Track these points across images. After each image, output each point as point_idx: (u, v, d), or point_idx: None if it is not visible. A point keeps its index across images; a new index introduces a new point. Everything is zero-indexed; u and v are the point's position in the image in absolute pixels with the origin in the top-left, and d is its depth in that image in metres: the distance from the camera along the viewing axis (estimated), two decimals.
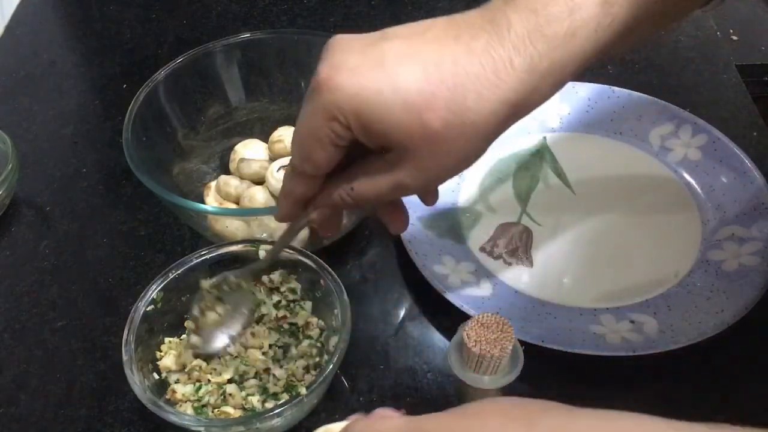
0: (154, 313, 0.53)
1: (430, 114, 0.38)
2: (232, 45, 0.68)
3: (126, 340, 0.50)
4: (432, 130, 0.38)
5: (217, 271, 0.54)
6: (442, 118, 0.38)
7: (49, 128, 0.78)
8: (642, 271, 0.60)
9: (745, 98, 0.76)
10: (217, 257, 0.55)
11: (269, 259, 0.52)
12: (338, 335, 0.50)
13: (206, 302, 0.52)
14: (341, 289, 0.52)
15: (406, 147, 0.39)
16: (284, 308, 0.56)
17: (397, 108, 0.38)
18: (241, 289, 0.52)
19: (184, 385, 0.51)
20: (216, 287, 0.52)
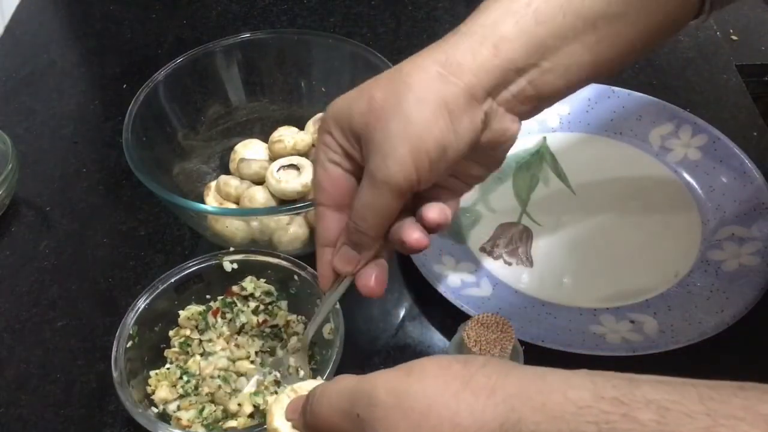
0: (134, 349, 0.51)
1: (373, 88, 0.43)
2: (232, 45, 0.68)
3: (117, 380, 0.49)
4: (374, 99, 0.42)
5: (184, 292, 0.54)
6: (382, 86, 0.42)
7: (49, 128, 0.78)
8: (642, 271, 0.60)
9: (745, 98, 0.76)
10: (182, 279, 0.54)
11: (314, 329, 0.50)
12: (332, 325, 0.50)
13: None
14: None
15: (363, 127, 0.42)
16: (263, 312, 0.56)
17: (353, 95, 0.43)
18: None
19: (186, 411, 0.51)
20: None
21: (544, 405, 0.30)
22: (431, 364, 0.34)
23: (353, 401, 0.35)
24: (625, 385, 0.30)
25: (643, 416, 0.28)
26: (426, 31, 0.87)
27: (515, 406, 0.30)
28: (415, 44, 0.49)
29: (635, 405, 0.28)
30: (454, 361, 0.34)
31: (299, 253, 0.59)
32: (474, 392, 0.32)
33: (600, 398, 0.29)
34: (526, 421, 0.30)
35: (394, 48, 0.84)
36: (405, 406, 0.33)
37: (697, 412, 0.27)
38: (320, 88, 0.71)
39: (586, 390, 0.30)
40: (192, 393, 0.52)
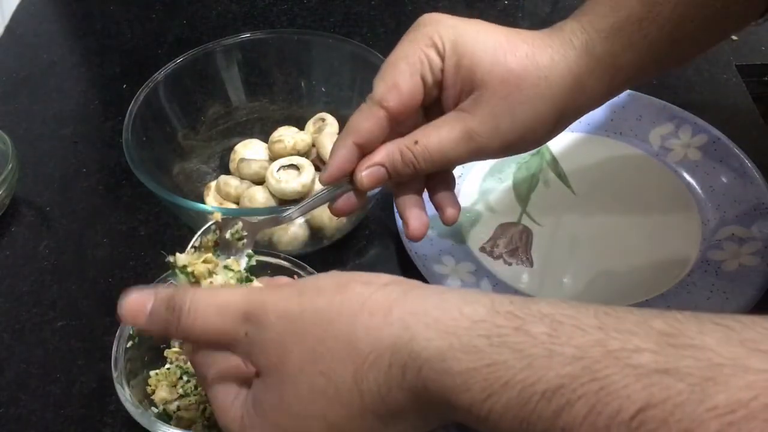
0: (133, 349, 0.51)
1: (512, 56, 0.43)
2: (232, 45, 0.68)
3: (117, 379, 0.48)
4: (512, 71, 0.43)
5: None
6: (522, 63, 0.43)
7: (49, 128, 0.78)
8: (642, 271, 0.60)
9: (745, 98, 0.76)
10: None
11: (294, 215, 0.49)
12: None
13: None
14: None
15: (487, 85, 0.43)
16: None
17: (488, 45, 0.43)
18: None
19: (187, 410, 0.51)
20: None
21: (437, 321, 0.30)
22: (327, 283, 0.34)
23: (240, 320, 0.34)
24: (522, 300, 0.30)
25: (536, 329, 0.28)
26: None
27: (410, 323, 0.30)
28: None
29: (529, 319, 0.28)
30: (353, 280, 0.33)
31: (299, 253, 0.59)
32: (371, 312, 0.31)
33: (495, 313, 0.29)
34: (418, 338, 0.30)
35: (394, 48, 0.84)
36: (298, 330, 0.32)
37: (590, 326, 0.27)
38: (320, 88, 0.71)
39: (482, 305, 0.30)
40: (192, 393, 0.52)
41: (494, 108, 0.43)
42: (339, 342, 0.31)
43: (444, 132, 0.44)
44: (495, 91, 0.43)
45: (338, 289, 0.33)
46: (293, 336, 0.32)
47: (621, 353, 0.26)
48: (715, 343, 0.25)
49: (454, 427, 0.34)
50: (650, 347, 0.26)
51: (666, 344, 0.25)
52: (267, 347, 0.33)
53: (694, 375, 0.24)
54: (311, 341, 0.32)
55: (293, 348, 0.32)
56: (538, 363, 0.27)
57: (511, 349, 0.28)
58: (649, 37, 0.44)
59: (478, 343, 0.28)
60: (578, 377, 0.26)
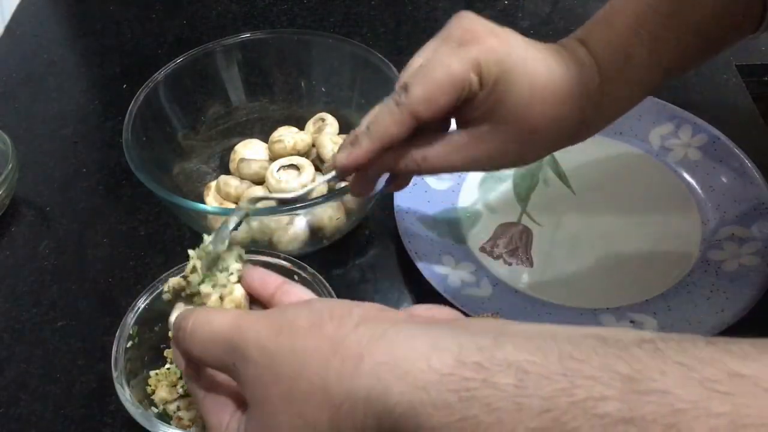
0: (133, 349, 0.51)
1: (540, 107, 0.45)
2: (232, 45, 0.68)
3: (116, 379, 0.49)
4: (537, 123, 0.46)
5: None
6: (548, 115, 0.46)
7: (49, 128, 0.78)
8: (642, 271, 0.60)
9: (745, 98, 0.76)
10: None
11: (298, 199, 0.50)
12: None
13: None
14: (321, 279, 0.52)
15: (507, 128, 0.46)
16: None
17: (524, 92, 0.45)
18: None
19: (187, 410, 0.51)
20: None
21: (407, 373, 0.30)
22: (302, 320, 0.34)
23: (228, 351, 0.35)
24: (490, 345, 0.29)
25: (503, 380, 0.28)
26: (426, 31, 0.87)
27: (381, 374, 0.30)
28: (415, 44, 0.49)
29: (496, 369, 0.28)
30: (327, 317, 0.33)
31: (299, 253, 0.59)
32: (343, 358, 0.31)
33: (462, 364, 0.29)
34: (391, 392, 0.30)
35: (394, 48, 0.84)
36: (276, 370, 0.33)
37: (556, 373, 0.27)
38: (320, 88, 0.71)
39: (449, 354, 0.30)
40: None
41: (507, 144, 0.47)
42: (313, 386, 0.32)
43: (453, 155, 0.47)
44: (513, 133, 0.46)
45: (312, 329, 0.33)
46: (271, 375, 0.33)
47: (587, 403, 0.26)
48: (676, 385, 0.25)
49: None
50: (614, 395, 0.26)
51: (630, 390, 0.26)
52: (250, 382, 0.34)
53: (657, 422, 0.24)
54: (287, 382, 0.33)
55: (271, 386, 0.33)
56: (507, 417, 0.27)
57: (480, 403, 0.28)
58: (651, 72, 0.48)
59: (447, 398, 0.28)
60: (548, 430, 0.26)
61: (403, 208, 0.63)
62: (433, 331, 0.31)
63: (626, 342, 0.28)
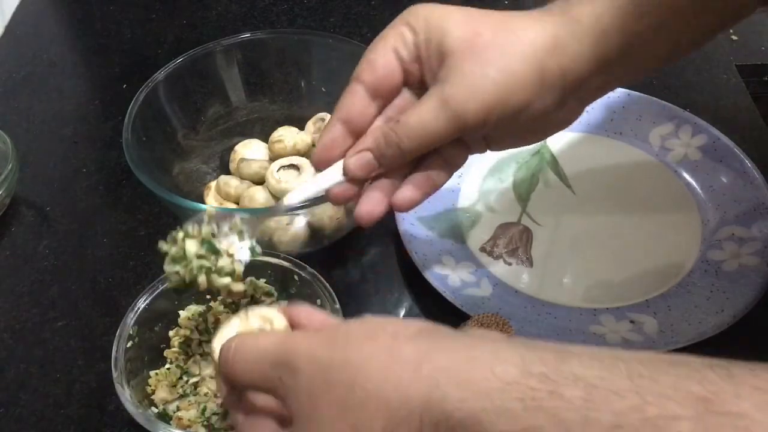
0: (133, 349, 0.51)
1: (481, 23, 0.43)
2: (232, 45, 0.68)
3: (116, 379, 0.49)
4: (480, 34, 0.43)
5: (184, 294, 0.54)
6: (491, 27, 0.43)
7: (49, 128, 0.78)
8: (642, 272, 0.60)
9: (745, 98, 0.76)
10: None
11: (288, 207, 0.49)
12: None
13: None
14: (321, 279, 0.52)
15: (456, 51, 0.43)
16: None
17: (459, 17, 0.44)
18: None
19: (187, 410, 0.51)
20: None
21: (469, 381, 0.29)
22: (357, 332, 0.33)
23: (274, 365, 0.34)
24: (554, 359, 0.29)
25: (570, 393, 0.27)
26: None
27: (440, 382, 0.30)
28: None
29: (562, 382, 0.28)
30: (382, 330, 0.33)
31: (299, 253, 0.59)
32: (401, 366, 0.31)
33: (528, 374, 0.29)
34: (451, 398, 0.29)
35: None
36: (328, 379, 0.32)
37: (625, 390, 0.27)
38: (320, 88, 0.71)
39: (513, 365, 0.29)
40: (192, 393, 0.52)
41: (465, 69, 0.42)
42: (368, 394, 0.31)
43: (422, 105, 0.43)
44: (464, 54, 0.43)
45: (367, 339, 0.32)
46: (323, 384, 0.32)
47: (659, 421, 0.25)
48: (752, 409, 0.24)
49: None
50: (688, 414, 0.25)
51: (704, 411, 0.25)
52: (299, 393, 0.33)
53: None
54: (340, 391, 0.32)
55: (323, 396, 0.32)
56: (575, 429, 0.26)
57: (546, 413, 0.27)
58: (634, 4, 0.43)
59: (511, 407, 0.28)
60: None
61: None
62: (493, 343, 0.31)
63: (696, 365, 0.27)
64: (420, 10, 0.45)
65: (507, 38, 0.43)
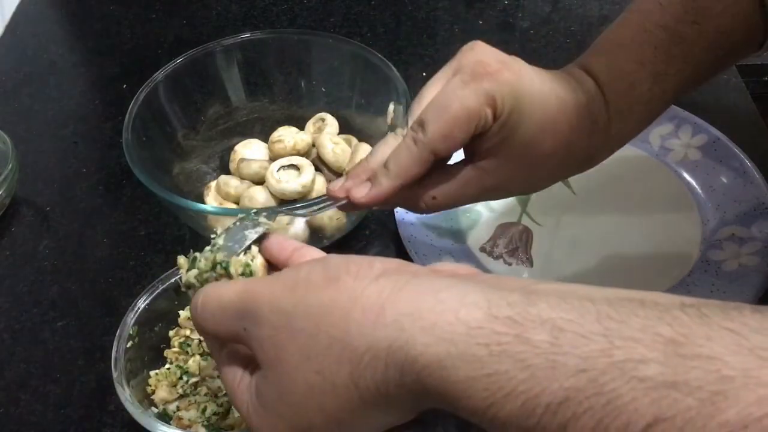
0: (133, 349, 0.51)
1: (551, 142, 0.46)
2: (232, 45, 0.68)
3: (117, 380, 0.49)
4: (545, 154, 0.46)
5: (184, 294, 0.54)
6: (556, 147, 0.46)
7: (49, 128, 0.78)
8: (642, 271, 0.60)
9: (745, 98, 0.76)
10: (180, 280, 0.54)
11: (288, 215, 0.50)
12: None
13: None
14: None
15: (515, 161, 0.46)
16: None
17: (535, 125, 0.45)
18: None
19: (187, 410, 0.51)
20: None
21: (434, 325, 0.29)
22: (317, 275, 0.33)
23: (238, 316, 0.34)
24: (521, 301, 0.28)
25: (537, 337, 0.27)
26: (426, 31, 0.87)
27: (405, 325, 0.29)
28: (415, 44, 0.49)
29: (529, 325, 0.27)
30: (344, 271, 0.32)
31: None
32: (364, 310, 0.31)
33: (493, 318, 0.28)
34: (414, 343, 0.29)
35: (394, 48, 0.84)
36: (291, 327, 0.32)
37: (594, 333, 0.26)
38: (320, 88, 0.71)
39: (479, 309, 0.29)
40: (192, 393, 0.52)
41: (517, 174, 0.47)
42: (332, 340, 0.31)
43: (461, 191, 0.47)
44: (524, 164, 0.47)
45: (329, 283, 0.32)
46: (287, 332, 0.32)
47: (627, 364, 0.25)
48: (724, 352, 0.24)
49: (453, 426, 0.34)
50: (657, 357, 0.24)
51: (673, 354, 0.24)
52: (263, 343, 0.33)
53: (703, 389, 0.23)
54: (304, 338, 0.32)
55: (287, 344, 0.32)
56: (541, 374, 0.26)
57: (511, 358, 0.27)
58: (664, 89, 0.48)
59: (476, 352, 0.27)
60: (583, 390, 0.25)
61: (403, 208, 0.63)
62: (459, 284, 0.30)
63: (667, 305, 0.26)
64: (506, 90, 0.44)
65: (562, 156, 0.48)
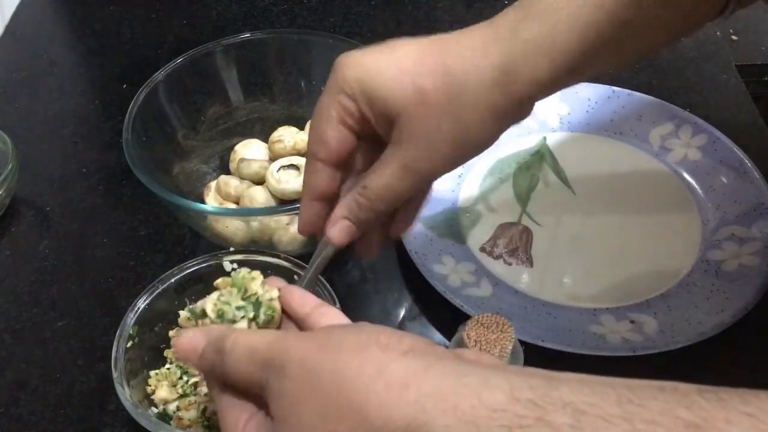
0: (133, 349, 0.51)
1: (419, 78, 0.41)
2: (232, 45, 0.68)
3: (117, 379, 0.49)
4: (424, 91, 0.41)
5: (184, 292, 0.54)
6: (432, 79, 0.41)
7: (49, 128, 0.78)
8: (642, 271, 0.60)
9: (745, 98, 0.76)
10: (182, 279, 0.54)
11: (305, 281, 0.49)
12: None
13: None
14: (321, 279, 0.52)
15: (403, 113, 0.42)
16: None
17: (392, 73, 0.42)
18: None
19: (187, 410, 0.51)
20: None
21: (455, 408, 0.29)
22: (349, 340, 0.33)
23: (264, 366, 0.34)
24: (543, 385, 0.28)
25: (558, 420, 0.27)
26: (426, 31, 0.86)
27: (426, 406, 0.29)
28: None
29: (551, 408, 0.27)
30: (374, 341, 0.32)
31: (299, 253, 0.59)
32: (387, 384, 0.30)
33: (515, 401, 0.28)
34: (435, 425, 0.29)
35: None
36: (314, 385, 0.32)
37: (614, 416, 0.26)
38: (320, 88, 0.70)
39: (501, 392, 0.29)
40: (192, 393, 0.52)
41: (420, 133, 0.42)
42: (352, 407, 0.31)
43: (385, 172, 0.44)
44: (412, 115, 0.42)
45: (358, 350, 0.32)
46: (309, 389, 0.32)
47: None
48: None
49: None
50: None
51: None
52: (283, 397, 0.33)
53: None
54: (324, 399, 0.31)
55: (306, 402, 0.32)
56: None
57: None
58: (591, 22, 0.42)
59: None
60: None
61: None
62: (482, 370, 0.30)
63: (685, 390, 0.27)
64: (348, 71, 0.43)
65: (453, 89, 0.41)
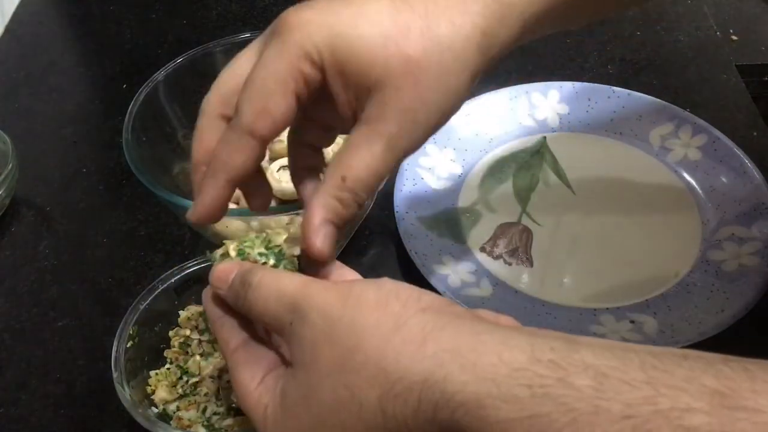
0: (133, 349, 0.51)
1: (405, 41, 0.36)
2: (232, 45, 0.68)
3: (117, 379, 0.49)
4: (412, 59, 0.36)
5: (184, 293, 0.54)
6: (420, 45, 0.36)
7: (49, 128, 0.78)
8: (642, 271, 0.60)
9: (745, 98, 0.76)
10: (182, 279, 0.54)
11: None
12: None
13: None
14: None
15: (387, 83, 0.36)
16: None
17: (374, 39, 0.36)
18: None
19: (187, 410, 0.51)
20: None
21: (475, 365, 0.29)
22: (369, 295, 0.33)
23: (291, 309, 0.34)
24: (564, 347, 0.28)
25: (580, 382, 0.27)
26: None
27: (444, 361, 0.29)
28: None
29: (572, 370, 0.27)
30: (394, 297, 0.33)
31: (299, 253, 0.59)
32: (404, 339, 0.31)
33: (536, 361, 0.28)
34: (452, 380, 0.29)
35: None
36: (333, 336, 0.32)
37: (638, 380, 0.26)
38: None
39: (521, 352, 0.28)
40: (192, 393, 0.52)
41: (405, 104, 0.37)
42: (368, 359, 0.31)
43: (366, 154, 0.37)
44: (399, 85, 0.36)
45: (377, 306, 0.32)
46: (327, 339, 0.32)
47: (672, 413, 0.25)
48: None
49: None
50: (702, 407, 0.24)
51: (719, 405, 0.24)
52: (303, 342, 0.33)
53: None
54: (342, 350, 0.32)
55: (324, 350, 0.32)
56: (584, 419, 0.26)
57: (554, 401, 0.26)
58: None
59: (519, 393, 0.27)
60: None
61: (403, 208, 0.63)
62: (501, 330, 0.30)
63: (711, 359, 0.27)
64: (317, 33, 0.36)
65: (441, 57, 0.37)
